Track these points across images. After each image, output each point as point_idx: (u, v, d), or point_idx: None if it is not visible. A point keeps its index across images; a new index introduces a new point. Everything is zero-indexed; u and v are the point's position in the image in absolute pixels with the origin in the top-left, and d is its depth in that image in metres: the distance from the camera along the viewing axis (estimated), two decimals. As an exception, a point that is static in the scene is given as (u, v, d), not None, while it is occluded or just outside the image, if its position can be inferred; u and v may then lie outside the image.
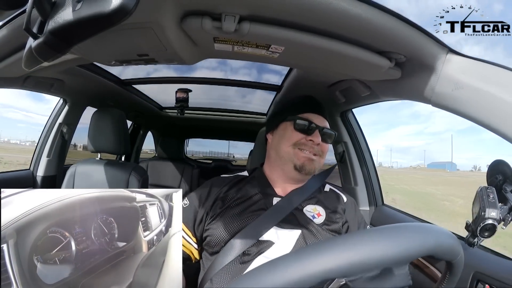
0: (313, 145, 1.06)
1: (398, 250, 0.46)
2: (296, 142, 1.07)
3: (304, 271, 0.43)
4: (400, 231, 0.50)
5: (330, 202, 1.10)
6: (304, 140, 1.07)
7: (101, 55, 1.02)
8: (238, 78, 2.29)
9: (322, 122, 1.11)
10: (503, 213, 0.73)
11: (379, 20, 0.76)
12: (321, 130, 1.08)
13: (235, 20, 0.79)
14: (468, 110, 0.83)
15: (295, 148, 1.07)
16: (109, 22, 0.46)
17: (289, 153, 1.07)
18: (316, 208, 1.06)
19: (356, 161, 1.91)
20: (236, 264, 0.90)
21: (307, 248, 0.48)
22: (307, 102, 1.17)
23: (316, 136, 1.06)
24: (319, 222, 1.01)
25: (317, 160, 1.07)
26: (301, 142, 1.07)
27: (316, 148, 1.07)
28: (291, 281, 0.43)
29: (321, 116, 1.12)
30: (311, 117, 1.10)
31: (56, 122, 2.08)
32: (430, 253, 0.50)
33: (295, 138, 1.07)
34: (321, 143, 1.08)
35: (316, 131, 1.07)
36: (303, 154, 1.06)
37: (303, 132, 1.07)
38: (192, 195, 1.10)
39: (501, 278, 0.87)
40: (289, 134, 1.09)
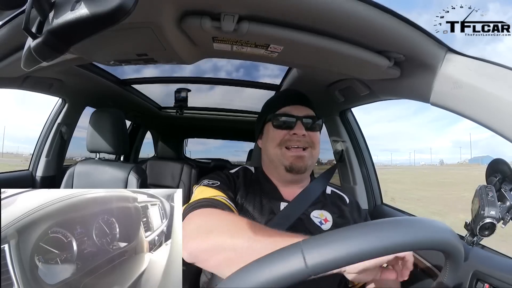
0: (298, 138, 1.01)
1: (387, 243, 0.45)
2: (281, 141, 1.03)
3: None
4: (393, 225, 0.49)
5: (335, 206, 1.06)
6: (288, 136, 1.02)
7: (100, 55, 1.02)
8: (237, 77, 2.30)
9: (302, 111, 1.05)
10: (502, 212, 0.73)
11: (378, 19, 0.76)
12: (303, 120, 1.02)
13: (234, 20, 0.79)
14: (467, 109, 0.84)
15: (282, 147, 1.02)
16: (108, 21, 0.46)
17: (277, 154, 1.03)
18: (323, 213, 1.01)
19: (355, 160, 1.91)
20: None
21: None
22: (283, 96, 1.13)
23: (298, 128, 1.01)
24: (327, 228, 0.98)
25: (307, 155, 1.02)
26: (286, 139, 1.02)
27: (303, 141, 1.01)
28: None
29: (301, 105, 1.06)
30: (289, 110, 1.05)
31: (55, 122, 2.08)
32: (425, 245, 0.49)
33: (279, 136, 1.03)
34: (308, 133, 1.02)
35: (298, 123, 1.02)
36: (290, 154, 1.01)
37: (284, 128, 1.03)
38: (215, 175, 1.03)
39: (500, 277, 0.87)
40: (272, 134, 1.05)
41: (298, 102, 1.07)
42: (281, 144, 1.03)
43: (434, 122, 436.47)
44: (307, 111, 1.06)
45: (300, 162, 1.01)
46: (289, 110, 1.05)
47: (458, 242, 0.51)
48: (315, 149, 1.04)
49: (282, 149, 1.02)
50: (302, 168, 1.02)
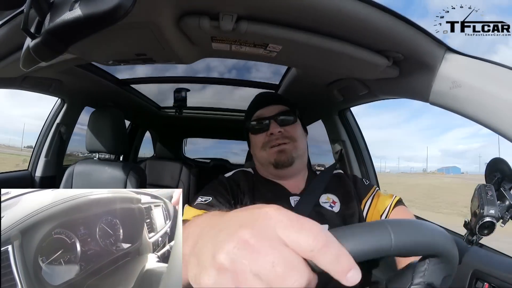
0: (276, 136, 1.04)
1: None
2: (262, 144, 1.06)
3: None
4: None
5: (337, 186, 1.08)
6: (267, 137, 1.05)
7: (99, 55, 1.02)
8: (236, 77, 2.29)
9: (274, 110, 1.07)
10: (501, 211, 0.73)
11: (376, 18, 0.76)
12: (275, 118, 1.06)
13: (233, 19, 0.79)
14: (466, 108, 0.84)
15: (266, 149, 1.05)
16: (107, 21, 0.46)
17: (263, 157, 1.07)
18: (329, 196, 1.04)
19: (354, 159, 1.91)
20: None
21: None
22: (254, 102, 1.15)
23: (273, 127, 1.04)
24: (337, 210, 1.00)
25: (288, 147, 1.04)
26: (266, 141, 1.05)
27: (281, 137, 1.04)
28: None
29: (272, 105, 1.09)
30: (261, 113, 1.08)
31: (54, 122, 2.07)
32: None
33: (259, 141, 1.07)
34: (284, 129, 1.05)
35: (272, 122, 1.05)
36: (272, 151, 1.04)
37: (262, 132, 1.07)
38: (208, 189, 1.01)
39: (500, 276, 0.87)
40: (254, 140, 1.10)
41: (268, 103, 1.10)
42: (263, 147, 1.06)
43: (425, 130, 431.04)
44: (279, 108, 1.08)
45: (283, 156, 1.03)
46: (261, 114, 1.08)
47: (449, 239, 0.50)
48: (296, 141, 1.06)
49: (266, 150, 1.06)
50: (287, 160, 1.04)
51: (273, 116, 1.06)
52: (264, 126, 1.06)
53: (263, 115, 1.08)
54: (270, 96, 1.14)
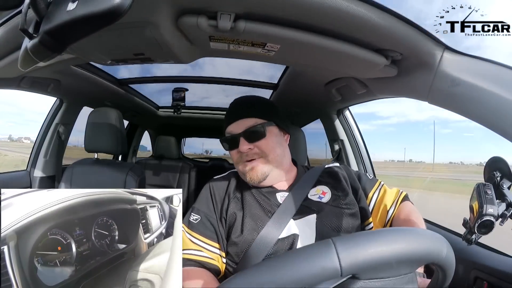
0: (246, 153, 1.00)
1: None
2: (236, 160, 1.04)
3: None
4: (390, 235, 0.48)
5: (329, 178, 1.07)
6: (238, 154, 1.02)
7: (97, 54, 1.02)
8: (234, 76, 2.29)
9: (243, 126, 1.01)
10: (501, 210, 0.73)
11: (375, 17, 0.76)
12: (243, 135, 1.00)
13: (231, 19, 0.79)
14: (464, 107, 0.84)
15: (239, 164, 1.03)
16: (104, 21, 0.46)
17: (239, 170, 1.05)
18: (319, 188, 1.03)
19: (352, 158, 1.91)
20: None
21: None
22: (225, 116, 1.09)
23: (242, 144, 0.99)
24: (326, 200, 0.99)
25: (258, 164, 1.00)
26: (237, 157, 1.03)
27: (250, 154, 1.00)
28: None
29: (241, 119, 1.02)
30: (231, 129, 1.04)
31: (53, 122, 2.07)
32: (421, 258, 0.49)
33: (233, 156, 1.05)
34: (254, 144, 1.00)
35: (240, 139, 1.00)
36: (243, 168, 1.01)
37: (233, 148, 1.03)
38: (198, 207, 1.03)
39: (500, 275, 0.87)
40: (230, 154, 1.07)
41: (237, 117, 1.03)
42: (237, 163, 1.04)
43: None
44: (248, 122, 1.02)
45: (254, 174, 1.00)
46: (231, 130, 1.04)
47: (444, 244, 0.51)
48: (268, 155, 1.01)
49: (239, 165, 1.04)
50: (258, 178, 1.01)
51: (242, 133, 1.00)
52: (234, 144, 1.02)
53: (232, 132, 1.03)
54: (239, 108, 1.07)
